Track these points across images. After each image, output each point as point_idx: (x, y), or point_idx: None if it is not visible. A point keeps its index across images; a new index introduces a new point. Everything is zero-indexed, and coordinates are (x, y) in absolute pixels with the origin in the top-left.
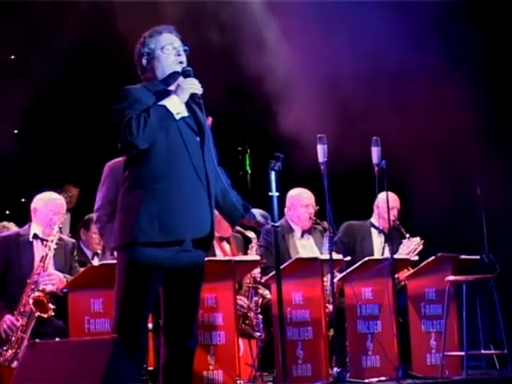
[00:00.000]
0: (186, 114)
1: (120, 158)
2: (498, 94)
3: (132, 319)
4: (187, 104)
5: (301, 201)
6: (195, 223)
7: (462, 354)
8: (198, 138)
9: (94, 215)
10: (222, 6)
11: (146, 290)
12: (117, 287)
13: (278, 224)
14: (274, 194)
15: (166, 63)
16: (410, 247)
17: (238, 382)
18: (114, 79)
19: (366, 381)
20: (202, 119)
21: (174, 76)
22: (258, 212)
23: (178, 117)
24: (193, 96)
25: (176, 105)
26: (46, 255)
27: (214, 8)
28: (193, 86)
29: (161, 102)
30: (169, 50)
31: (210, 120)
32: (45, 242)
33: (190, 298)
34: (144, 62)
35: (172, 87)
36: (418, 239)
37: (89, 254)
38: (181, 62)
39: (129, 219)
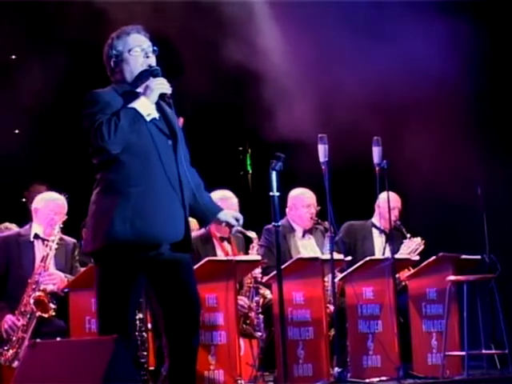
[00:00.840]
0: (156, 114)
1: None
2: (499, 93)
3: (114, 324)
4: (158, 106)
5: (302, 201)
6: (169, 227)
7: (463, 353)
8: (169, 142)
9: None
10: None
11: (125, 293)
12: (96, 293)
13: (279, 224)
14: (275, 193)
15: (135, 66)
16: (411, 247)
17: (239, 381)
18: None
19: (367, 381)
20: (173, 121)
21: (141, 77)
22: (229, 214)
23: (148, 118)
24: (162, 96)
25: (146, 106)
26: (47, 255)
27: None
28: (162, 85)
29: (130, 105)
30: (137, 52)
31: (181, 121)
32: (46, 242)
33: (184, 295)
34: (112, 64)
35: (140, 89)
36: (418, 239)
37: None
38: (149, 65)
39: (103, 224)
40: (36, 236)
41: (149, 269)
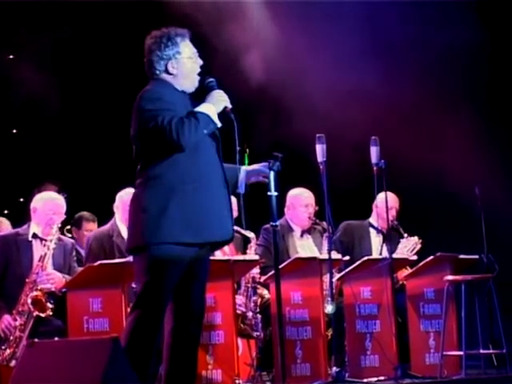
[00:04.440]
0: (220, 124)
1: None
2: (498, 93)
3: (155, 316)
4: None
5: (300, 200)
6: (220, 228)
7: (461, 353)
8: (214, 143)
9: None
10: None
11: (168, 287)
12: (141, 285)
13: (277, 223)
14: (273, 193)
15: (191, 71)
16: (408, 246)
17: (237, 381)
18: (115, 78)
19: (365, 380)
20: None
21: (201, 85)
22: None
23: (217, 126)
24: (225, 108)
25: (215, 115)
26: (45, 255)
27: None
28: (225, 99)
29: (203, 111)
30: (193, 59)
31: None
32: (44, 242)
33: (199, 289)
34: (170, 65)
35: (188, 89)
36: (415, 238)
37: (83, 252)
38: (199, 72)
39: (155, 219)
40: (34, 235)
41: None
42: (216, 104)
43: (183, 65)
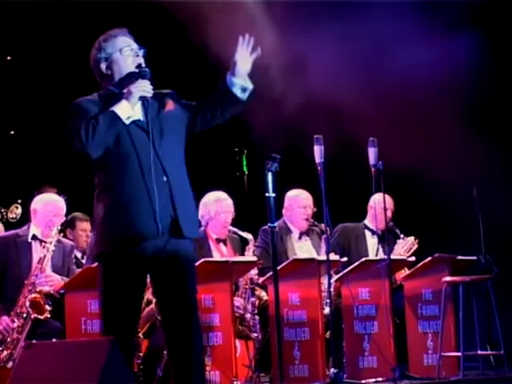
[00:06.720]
0: (137, 117)
1: None
2: (496, 93)
3: (116, 325)
4: (144, 106)
5: (298, 202)
6: (153, 222)
7: (459, 354)
8: (152, 139)
9: None
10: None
11: (126, 294)
12: (99, 295)
13: (274, 225)
14: (271, 194)
15: (125, 65)
16: (405, 246)
17: (235, 382)
18: None
19: (363, 381)
20: (164, 118)
21: (130, 78)
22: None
23: (127, 121)
24: (142, 99)
25: (126, 109)
26: (44, 256)
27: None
28: (143, 89)
29: (111, 108)
30: (127, 52)
31: (171, 105)
32: (43, 244)
33: (181, 288)
34: (103, 67)
35: (126, 90)
36: (412, 238)
37: (78, 254)
38: (139, 64)
39: (98, 229)
40: (34, 237)
41: (151, 267)
42: (131, 97)
43: (113, 62)
